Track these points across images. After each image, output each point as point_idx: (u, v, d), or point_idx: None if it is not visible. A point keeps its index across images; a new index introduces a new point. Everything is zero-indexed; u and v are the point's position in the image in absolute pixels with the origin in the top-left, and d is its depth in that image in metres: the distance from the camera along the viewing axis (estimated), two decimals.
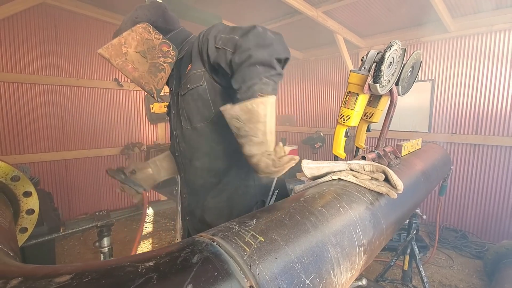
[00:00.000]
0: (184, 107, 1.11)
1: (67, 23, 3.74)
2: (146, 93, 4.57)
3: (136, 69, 1.09)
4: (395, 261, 2.33)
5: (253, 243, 0.57)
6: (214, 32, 0.99)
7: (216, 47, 0.95)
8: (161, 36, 1.11)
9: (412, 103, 4.01)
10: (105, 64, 4.12)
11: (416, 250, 2.13)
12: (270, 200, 1.13)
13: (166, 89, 1.23)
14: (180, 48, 1.17)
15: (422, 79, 3.94)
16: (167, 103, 1.29)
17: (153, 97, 1.15)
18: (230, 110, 0.81)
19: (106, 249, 1.34)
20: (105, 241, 1.35)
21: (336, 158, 1.34)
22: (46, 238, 1.36)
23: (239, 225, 0.63)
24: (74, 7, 3.68)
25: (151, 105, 4.50)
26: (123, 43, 1.06)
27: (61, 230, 2.58)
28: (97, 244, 1.37)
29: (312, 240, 0.66)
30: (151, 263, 0.47)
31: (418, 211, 2.02)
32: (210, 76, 1.02)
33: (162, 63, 1.12)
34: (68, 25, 3.75)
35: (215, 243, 0.55)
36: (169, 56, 1.12)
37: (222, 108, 0.83)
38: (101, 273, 0.44)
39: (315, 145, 5.13)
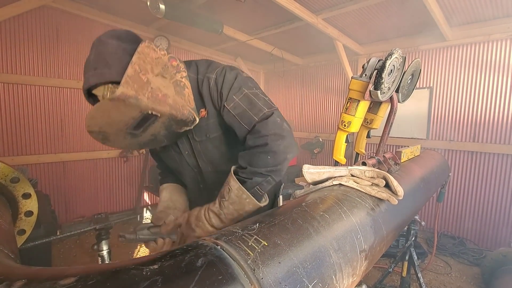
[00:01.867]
0: (203, 151, 1.11)
1: (69, 25, 3.76)
2: None
3: (166, 95, 0.89)
4: (394, 267, 2.33)
5: (257, 247, 0.57)
6: (227, 88, 0.98)
7: (228, 109, 0.98)
8: (165, 51, 0.95)
9: (411, 110, 4.04)
10: None
11: (415, 257, 2.13)
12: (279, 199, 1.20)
13: None
14: None
15: (421, 86, 3.98)
16: None
17: (194, 119, 0.97)
18: (232, 180, 0.90)
19: (104, 253, 1.33)
20: (104, 245, 1.33)
21: (336, 163, 1.35)
22: (44, 240, 1.35)
23: (242, 229, 0.63)
24: (76, 9, 3.70)
25: None
26: (139, 71, 0.83)
27: (58, 233, 2.56)
28: (95, 247, 1.35)
29: (314, 245, 0.67)
30: (155, 266, 0.47)
31: (417, 217, 2.02)
32: (222, 119, 1.04)
33: (180, 79, 0.97)
34: (69, 28, 3.76)
35: (218, 247, 0.55)
36: (181, 69, 0.99)
37: (232, 173, 0.93)
38: (106, 276, 0.44)
39: (314, 151, 5.14)
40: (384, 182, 1.01)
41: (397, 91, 1.27)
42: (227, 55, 5.55)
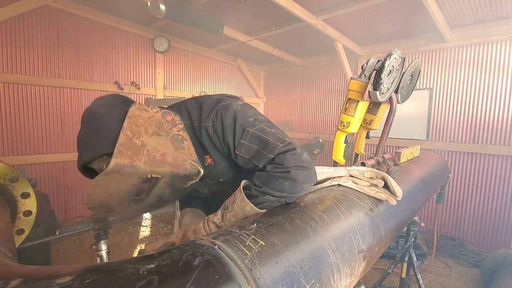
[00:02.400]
0: (219, 190, 1.14)
1: (69, 25, 3.76)
2: (146, 97, 4.60)
3: (164, 154, 0.87)
4: (393, 268, 2.32)
5: (254, 247, 0.57)
6: (230, 136, 0.93)
7: (241, 156, 0.92)
8: (157, 108, 0.92)
9: (410, 111, 4.05)
10: (106, 67, 4.13)
11: (414, 258, 2.13)
12: None
13: None
14: None
15: (420, 87, 3.98)
16: None
17: (199, 172, 0.95)
18: (239, 193, 0.86)
19: (103, 253, 1.32)
20: (102, 244, 1.33)
21: (335, 164, 1.35)
22: (43, 240, 1.35)
23: (240, 229, 0.63)
24: (76, 10, 3.71)
25: None
26: (132, 136, 0.82)
27: (57, 233, 2.56)
28: (94, 247, 1.35)
29: (312, 245, 0.67)
30: (152, 265, 0.47)
31: (416, 218, 2.02)
32: (232, 160, 1.01)
33: (177, 132, 0.94)
34: (70, 28, 3.77)
35: (216, 246, 0.55)
36: (177, 122, 0.95)
37: (241, 186, 0.87)
38: (103, 275, 0.44)
39: (314, 151, 5.14)
40: (383, 182, 1.01)
41: (396, 91, 1.27)
42: (228, 56, 5.55)
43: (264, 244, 0.59)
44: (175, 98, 4.88)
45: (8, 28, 3.35)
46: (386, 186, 1.02)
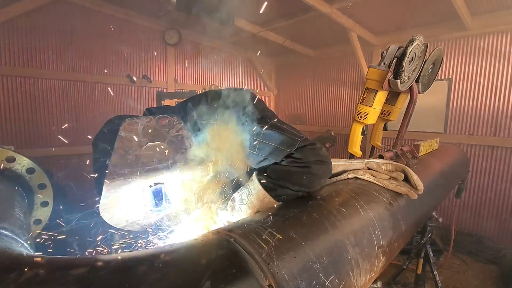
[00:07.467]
0: (232, 188, 1.12)
1: (83, 19, 3.79)
2: (158, 90, 4.62)
3: (163, 159, 0.88)
4: (408, 264, 2.27)
5: (271, 241, 0.55)
6: (239, 132, 0.92)
7: (251, 152, 0.90)
8: (151, 117, 0.91)
9: (427, 103, 3.90)
10: (118, 60, 4.16)
11: (431, 254, 2.07)
12: None
13: None
14: None
15: (439, 78, 3.82)
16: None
17: (208, 165, 0.95)
18: (255, 184, 0.86)
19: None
20: (117, 237, 1.35)
21: (351, 156, 1.31)
22: (59, 231, 1.37)
23: (255, 222, 0.61)
24: (89, 3, 3.73)
25: (163, 102, 4.53)
26: (124, 153, 0.84)
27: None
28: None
29: (331, 239, 0.64)
30: (168, 258, 0.45)
31: (433, 213, 1.96)
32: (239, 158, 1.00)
33: (176, 133, 0.94)
34: (83, 22, 3.80)
35: (232, 240, 0.53)
36: (175, 123, 0.94)
37: (256, 178, 0.87)
38: (117, 266, 0.43)
39: (326, 145, 5.06)
40: (403, 175, 0.97)
41: (417, 81, 1.21)
42: (238, 48, 5.50)
43: (281, 237, 0.57)
44: (186, 91, 4.88)
45: (24, 22, 3.40)
46: (406, 180, 0.98)
